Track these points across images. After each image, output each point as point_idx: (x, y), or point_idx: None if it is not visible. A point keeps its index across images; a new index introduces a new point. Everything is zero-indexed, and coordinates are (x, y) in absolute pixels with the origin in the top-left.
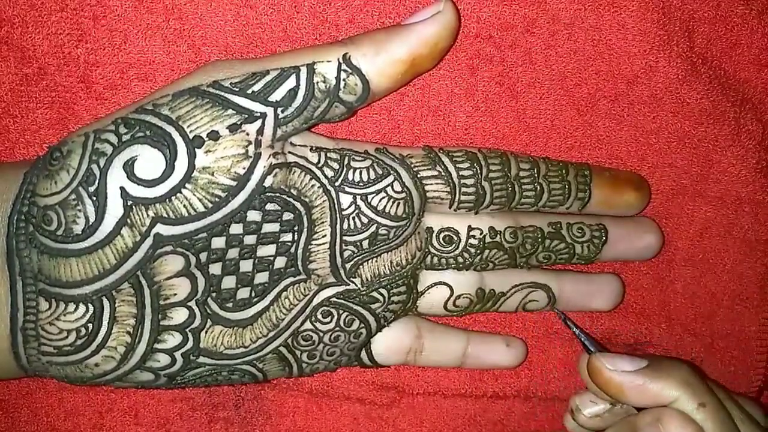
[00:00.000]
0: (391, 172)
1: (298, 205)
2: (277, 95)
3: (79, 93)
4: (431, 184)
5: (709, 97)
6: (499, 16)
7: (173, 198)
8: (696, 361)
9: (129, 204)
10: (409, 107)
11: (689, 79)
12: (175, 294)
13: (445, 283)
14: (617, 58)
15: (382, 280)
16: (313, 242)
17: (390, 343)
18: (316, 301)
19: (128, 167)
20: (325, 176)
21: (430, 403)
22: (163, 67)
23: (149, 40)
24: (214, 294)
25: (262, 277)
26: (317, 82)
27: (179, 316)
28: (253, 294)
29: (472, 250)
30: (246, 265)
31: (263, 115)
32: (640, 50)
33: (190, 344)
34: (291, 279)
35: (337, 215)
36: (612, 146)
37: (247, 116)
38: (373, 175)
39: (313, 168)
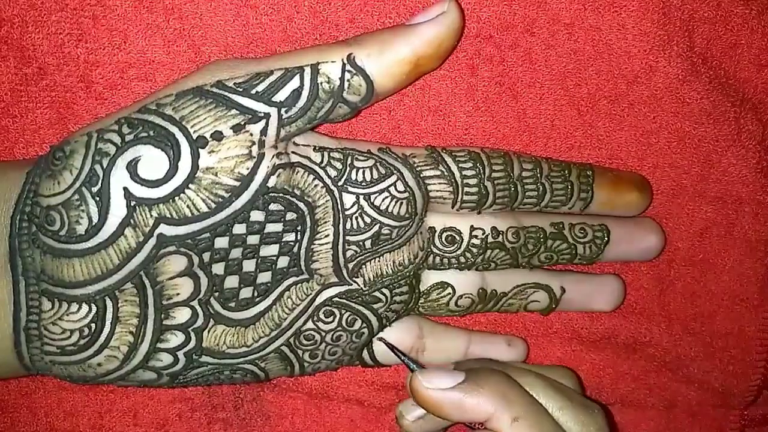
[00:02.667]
0: (394, 171)
1: (301, 205)
2: (281, 96)
3: (79, 93)
4: (434, 183)
5: (709, 97)
6: (500, 16)
7: (177, 198)
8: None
9: (132, 204)
10: (409, 107)
11: (689, 79)
12: (178, 294)
13: (447, 283)
14: (617, 58)
15: (384, 279)
16: (316, 242)
17: (392, 342)
18: (318, 300)
19: (131, 167)
20: (328, 176)
21: None
22: (163, 67)
23: (149, 40)
24: (216, 293)
25: (264, 277)
26: (321, 83)
27: (182, 315)
28: (255, 293)
29: (475, 250)
30: (249, 265)
31: (267, 116)
32: (640, 50)
33: (192, 343)
34: (294, 279)
35: (340, 215)
36: (612, 146)
37: (250, 116)
38: (376, 175)
39: (317, 168)
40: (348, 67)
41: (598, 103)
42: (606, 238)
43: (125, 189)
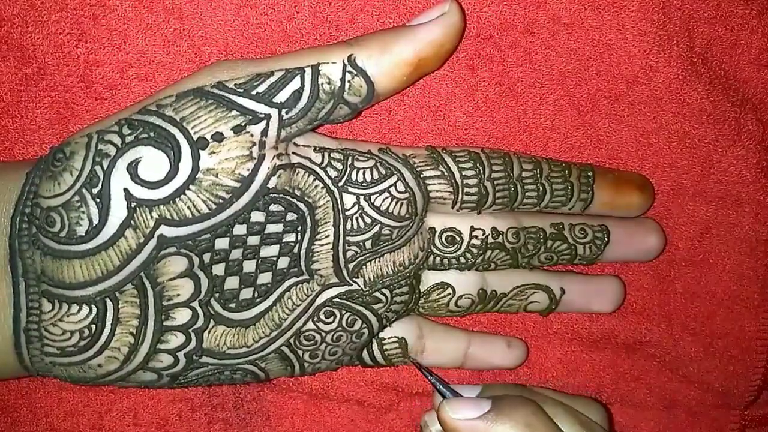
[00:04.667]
0: (395, 172)
1: (301, 205)
2: (281, 97)
3: (79, 93)
4: (434, 184)
5: (709, 98)
6: (500, 16)
7: (177, 200)
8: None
9: (133, 206)
10: (409, 107)
11: (689, 80)
12: (179, 295)
13: (447, 284)
14: (617, 58)
15: (384, 280)
16: (316, 242)
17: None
18: (318, 301)
19: (132, 169)
20: (329, 176)
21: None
22: (163, 67)
23: (149, 39)
24: (217, 294)
25: (265, 278)
26: (322, 84)
27: (182, 316)
28: (256, 294)
29: (475, 251)
30: (249, 266)
31: (268, 117)
32: (640, 50)
33: (192, 344)
34: (294, 279)
35: (341, 215)
36: (612, 146)
37: (251, 118)
38: (376, 176)
39: (317, 168)
40: (349, 68)
41: (598, 103)
42: (606, 239)
43: (126, 190)
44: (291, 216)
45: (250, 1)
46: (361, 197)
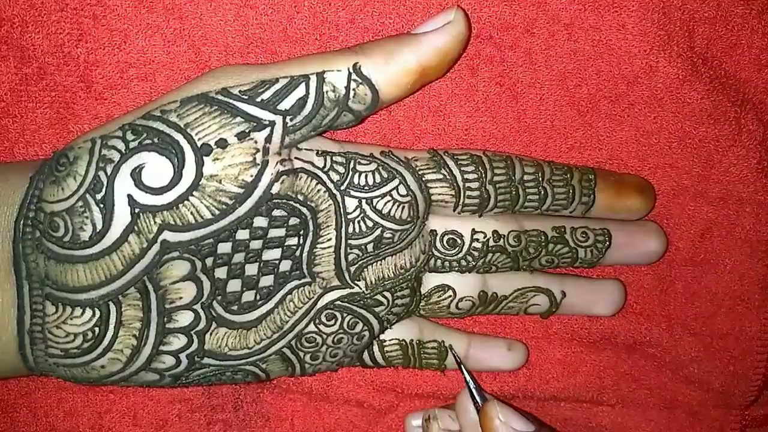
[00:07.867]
0: (397, 175)
1: (304, 210)
2: (286, 104)
3: (79, 93)
4: (436, 187)
5: (709, 98)
6: (500, 16)
7: (180, 205)
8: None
9: (136, 211)
10: (409, 107)
11: (690, 80)
12: (181, 297)
13: (448, 286)
14: (617, 59)
15: (386, 283)
16: (318, 246)
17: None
18: (320, 303)
19: (136, 175)
20: (331, 180)
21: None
22: (163, 67)
23: (149, 39)
24: (219, 297)
25: (267, 281)
26: (327, 92)
27: (184, 319)
28: (258, 297)
29: (476, 254)
30: (251, 269)
31: (272, 124)
32: (640, 50)
33: (194, 346)
34: (296, 282)
35: (343, 219)
36: (613, 147)
37: (255, 124)
38: (378, 179)
39: (320, 173)
40: (354, 76)
41: (599, 104)
42: (607, 243)
43: (129, 196)
44: (293, 220)
45: (250, 1)
46: (363, 201)
